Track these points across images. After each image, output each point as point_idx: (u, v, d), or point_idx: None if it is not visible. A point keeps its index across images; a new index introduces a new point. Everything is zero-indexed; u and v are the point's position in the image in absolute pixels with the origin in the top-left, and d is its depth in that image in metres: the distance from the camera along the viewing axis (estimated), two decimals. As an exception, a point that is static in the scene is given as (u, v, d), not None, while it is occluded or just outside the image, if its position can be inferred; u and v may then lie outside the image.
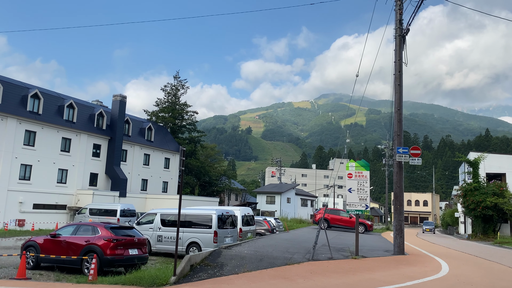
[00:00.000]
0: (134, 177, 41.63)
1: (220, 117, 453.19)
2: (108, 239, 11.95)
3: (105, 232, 12.23)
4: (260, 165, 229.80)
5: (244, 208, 21.03)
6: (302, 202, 67.46)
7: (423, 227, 56.69)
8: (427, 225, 56.52)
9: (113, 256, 11.81)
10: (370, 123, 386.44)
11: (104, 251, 11.73)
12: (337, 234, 26.10)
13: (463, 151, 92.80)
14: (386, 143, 59.91)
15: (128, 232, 12.97)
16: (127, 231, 13.03)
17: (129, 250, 12.31)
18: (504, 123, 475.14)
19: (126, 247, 12.26)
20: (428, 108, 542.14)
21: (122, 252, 12.08)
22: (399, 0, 16.66)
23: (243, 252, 13.66)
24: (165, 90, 54.75)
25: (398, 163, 16.51)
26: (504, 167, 41.89)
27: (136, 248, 12.61)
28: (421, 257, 16.35)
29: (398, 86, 16.73)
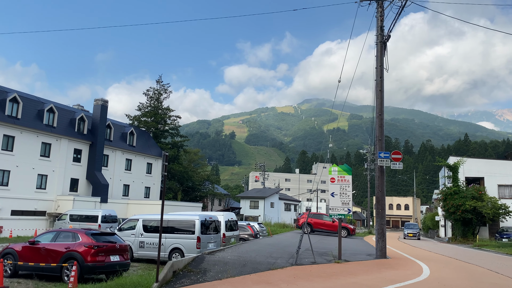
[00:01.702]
0: (115, 182, 41.08)
1: (204, 121, 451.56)
2: (89, 246, 11.76)
3: (86, 239, 12.03)
4: (243, 169, 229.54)
5: (228, 213, 20.96)
6: (286, 206, 67.59)
7: (404, 231, 44.39)
8: (410, 228, 44.72)
9: (94, 263, 11.62)
10: (352, 128, 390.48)
11: (84, 258, 11.53)
12: (320, 238, 26.22)
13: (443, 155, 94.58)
14: (368, 147, 60.58)
15: (110, 239, 12.79)
16: (108, 238, 12.84)
17: (110, 256, 12.13)
18: (482, 128, 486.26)
19: (108, 254, 12.07)
20: (409, 113, 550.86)
21: (103, 258, 11.89)
22: (380, 7, 16.92)
23: (227, 257, 13.60)
24: (148, 94, 54.31)
25: (380, 168, 16.71)
26: (483, 171, 42.81)
27: (118, 254, 12.43)
28: (402, 260, 16.54)
29: (379, 92, 16.97)
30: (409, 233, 42.81)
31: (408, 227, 45.18)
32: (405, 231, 43.61)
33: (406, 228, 45.07)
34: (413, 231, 42.92)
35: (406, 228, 45.07)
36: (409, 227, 44.84)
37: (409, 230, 43.68)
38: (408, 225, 46.20)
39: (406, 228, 44.72)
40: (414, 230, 43.52)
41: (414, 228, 44.58)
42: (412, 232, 42.94)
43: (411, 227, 45.09)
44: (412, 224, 46.76)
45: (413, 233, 42.55)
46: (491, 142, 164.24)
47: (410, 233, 42.79)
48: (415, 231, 43.01)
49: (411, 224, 46.81)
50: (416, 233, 42.64)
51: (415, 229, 44.12)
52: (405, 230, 44.10)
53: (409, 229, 43.92)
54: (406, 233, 42.94)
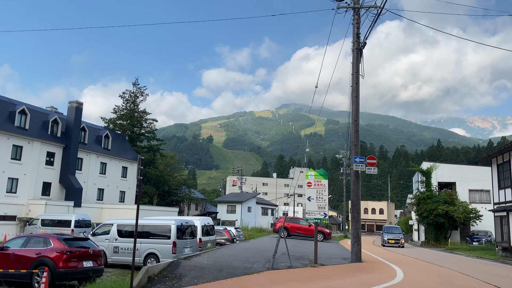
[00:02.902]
0: (89, 186, 40.27)
1: (181, 125, 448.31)
2: (61, 251, 11.47)
3: (58, 244, 11.74)
4: (221, 174, 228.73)
5: (204, 218, 20.84)
6: (263, 211, 67.63)
7: (383, 236, 35.00)
8: (390, 232, 35.21)
9: (66, 269, 11.34)
10: (329, 133, 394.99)
11: (56, 263, 11.24)
12: (296, 242, 26.34)
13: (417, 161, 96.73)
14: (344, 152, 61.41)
15: (83, 244, 12.52)
16: (81, 243, 12.57)
17: (83, 262, 11.87)
18: (454, 134, 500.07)
19: (80, 259, 11.81)
20: (384, 119, 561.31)
21: (76, 264, 11.62)
22: (356, 14, 17.22)
23: (203, 262, 13.51)
24: (124, 97, 53.54)
25: (355, 172, 16.95)
26: (454, 176, 43.99)
27: (91, 260, 12.18)
28: (377, 264, 16.78)
29: (355, 98, 17.23)
30: (390, 239, 33.55)
31: (388, 231, 35.60)
32: (385, 237, 34.25)
33: (385, 232, 35.18)
34: (395, 237, 33.82)
35: (385, 232, 35.18)
36: (390, 231, 35.38)
37: (389, 235, 34.22)
38: (388, 229, 36.47)
39: (386, 233, 34.92)
40: (396, 235, 34.25)
41: (395, 232, 35.07)
42: (394, 237, 33.74)
43: (392, 231, 35.60)
44: (393, 228, 37.30)
45: (395, 239, 33.54)
46: (463, 148, 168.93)
47: (391, 239, 33.54)
48: (398, 237, 33.85)
49: (392, 228, 37.32)
50: (399, 238, 33.61)
51: (397, 233, 34.78)
52: (384, 235, 34.52)
53: (389, 234, 34.44)
54: (386, 239, 33.68)
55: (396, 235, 34.30)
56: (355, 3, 17.03)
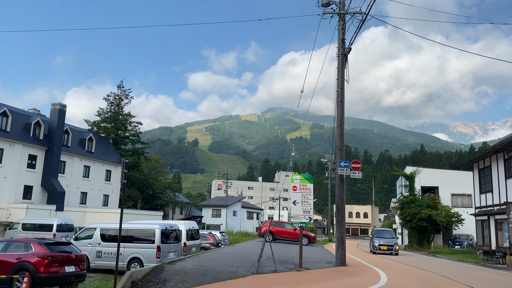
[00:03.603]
0: (72, 190, 39.67)
1: (166, 128, 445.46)
2: (43, 256, 11.26)
3: (39, 249, 11.52)
4: (206, 177, 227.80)
5: (189, 222, 20.70)
6: (248, 215, 67.52)
7: (373, 241, 28.99)
8: (382, 237, 29.20)
9: (48, 274, 11.13)
10: (314, 137, 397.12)
11: (37, 268, 11.03)
12: (282, 246, 26.35)
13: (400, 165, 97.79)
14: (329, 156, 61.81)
15: (65, 248, 12.31)
16: (63, 247, 12.36)
17: (65, 267, 11.67)
18: (437, 139, 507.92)
19: (62, 264, 11.61)
20: (368, 124, 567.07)
21: (57, 269, 11.42)
22: (342, 20, 17.41)
23: (187, 267, 13.42)
24: (108, 99, 53.01)
25: (340, 177, 17.06)
26: (437, 180, 44.62)
27: (73, 265, 11.98)
28: (361, 268, 16.90)
29: (340, 103, 17.38)
30: (381, 245, 27.75)
31: (379, 235, 29.64)
32: (375, 242, 28.37)
33: (376, 237, 29.18)
34: (388, 242, 27.89)
35: (376, 237, 29.18)
36: (381, 235, 29.41)
37: (381, 240, 28.33)
38: (378, 233, 30.43)
39: (376, 237, 28.96)
40: (389, 239, 28.33)
41: (388, 236, 29.16)
42: (386, 243, 27.80)
43: (383, 235, 29.59)
44: (384, 231, 30.88)
45: (388, 244, 27.66)
46: (445, 153, 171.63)
47: (383, 244, 27.70)
48: (391, 242, 27.91)
49: (383, 231, 30.92)
50: (392, 244, 27.65)
51: (390, 238, 28.87)
52: (374, 241, 28.58)
53: (381, 239, 28.52)
54: (376, 245, 27.99)
55: (389, 240, 28.18)
56: (341, 9, 17.21)
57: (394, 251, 27.48)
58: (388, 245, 27.70)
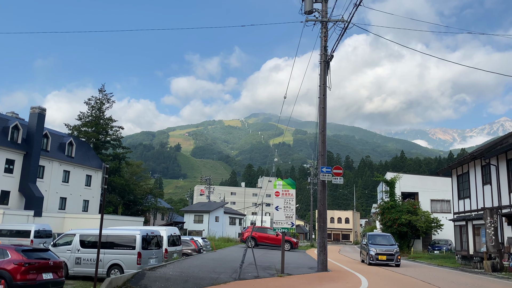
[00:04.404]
0: (51, 195, 38.90)
1: (148, 133, 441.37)
2: (19, 263, 11.00)
3: (16, 255, 11.25)
4: (189, 183, 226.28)
5: (171, 228, 20.54)
6: (231, 220, 67.29)
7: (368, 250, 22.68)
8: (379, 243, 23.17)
9: (24, 282, 10.87)
10: (297, 143, 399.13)
11: (13, 276, 10.76)
12: (264, 252, 26.34)
13: (381, 171, 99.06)
14: (311, 162, 62.20)
15: (43, 255, 12.05)
16: (41, 254, 12.10)
17: (42, 274, 11.41)
18: (417, 145, 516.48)
19: (40, 271, 11.35)
20: (350, 130, 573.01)
21: (34, 276, 11.16)
22: (324, 28, 17.63)
23: (168, 273, 13.30)
24: (89, 103, 52.34)
25: (322, 182, 17.19)
26: (417, 186, 45.36)
27: (51, 272, 11.73)
28: (342, 273, 17.01)
29: (322, 109, 17.56)
30: (380, 253, 21.93)
31: (375, 241, 23.52)
32: (371, 250, 22.27)
33: (372, 243, 23.03)
34: (388, 250, 22.24)
35: (372, 243, 23.03)
36: (377, 242, 23.37)
37: (378, 247, 22.44)
38: (374, 238, 24.09)
39: (372, 244, 22.89)
40: (388, 247, 22.66)
41: (386, 243, 23.24)
42: (386, 251, 22.10)
43: (380, 241, 23.53)
44: (380, 236, 24.85)
45: (387, 253, 21.98)
46: (425, 159, 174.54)
47: (382, 253, 21.93)
48: (391, 249, 22.30)
49: (379, 236, 24.86)
50: (393, 252, 22.07)
51: (390, 244, 23.06)
52: (370, 248, 22.45)
53: (378, 246, 22.62)
54: (373, 254, 22.03)
55: (388, 247, 22.43)
56: (323, 17, 17.43)
57: (395, 261, 21.86)
58: (387, 254, 21.98)
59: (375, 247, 22.72)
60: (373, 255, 22.31)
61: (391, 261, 22.03)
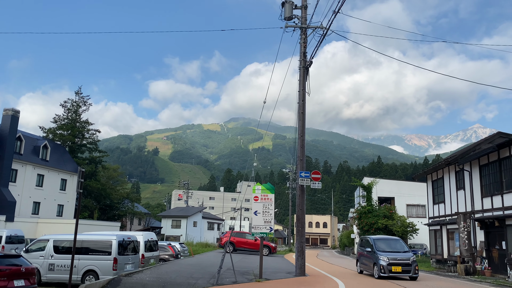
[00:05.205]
0: (24, 199, 37.86)
1: (125, 136, 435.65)
2: (-11, 270, 10.64)
3: (-14, 262, 10.89)
4: (166, 187, 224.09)
5: (148, 233, 20.26)
6: (209, 225, 66.90)
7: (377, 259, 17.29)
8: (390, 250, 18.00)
9: (-6, 289, 10.54)
10: (276, 148, 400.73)
11: (-17, 283, 10.42)
12: (242, 257, 26.26)
13: (359, 176, 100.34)
14: (290, 167, 62.44)
15: (14, 261, 11.69)
16: (12, 260, 11.73)
17: (14, 281, 11.07)
18: (393, 151, 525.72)
19: (11, 278, 11.01)
20: (328, 135, 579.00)
21: (5, 284, 10.82)
22: (303, 34, 17.79)
23: (145, 279, 13.10)
24: (65, 106, 51.29)
25: (301, 187, 17.28)
26: (393, 191, 46.13)
27: (23, 278, 11.39)
28: (320, 277, 17.10)
29: (301, 114, 17.68)
30: (393, 263, 17.09)
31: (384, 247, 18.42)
32: (381, 260, 17.31)
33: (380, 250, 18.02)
34: (403, 258, 17.49)
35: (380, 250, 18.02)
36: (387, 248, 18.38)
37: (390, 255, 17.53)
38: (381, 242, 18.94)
39: (381, 252, 17.87)
40: (402, 254, 17.84)
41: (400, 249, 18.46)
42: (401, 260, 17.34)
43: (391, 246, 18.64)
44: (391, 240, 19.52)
45: (403, 262, 17.27)
46: (401, 165, 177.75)
47: (396, 263, 17.13)
48: (407, 258, 17.56)
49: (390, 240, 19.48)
50: (409, 261, 17.31)
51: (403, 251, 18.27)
52: (380, 257, 17.46)
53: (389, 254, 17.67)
54: (385, 265, 17.04)
55: (402, 254, 17.74)
56: (303, 23, 17.60)
57: (412, 272, 17.08)
58: (403, 264, 17.08)
59: (386, 255, 17.44)
60: (385, 266, 16.96)
61: (408, 272, 17.12)
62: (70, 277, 9.45)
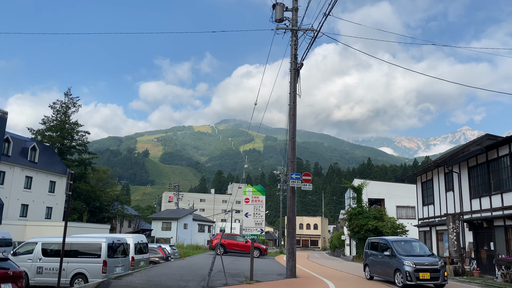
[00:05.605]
0: (12, 201, 37.37)
1: (115, 138, 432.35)
2: (-24, 274, 10.49)
3: (-28, 266, 10.73)
4: (157, 189, 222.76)
5: (138, 236, 20.14)
6: (200, 227, 66.67)
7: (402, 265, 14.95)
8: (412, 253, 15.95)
9: (-19, 293, 10.38)
10: (267, 149, 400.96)
11: (-31, 287, 10.26)
12: (233, 259, 26.20)
13: (349, 177, 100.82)
14: (281, 168, 62.53)
15: (1, 264, 11.53)
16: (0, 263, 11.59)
17: (1, 284, 10.93)
18: (383, 153, 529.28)
19: (-2, 282, 10.87)
20: (319, 137, 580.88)
21: (-8, 287, 10.68)
22: (294, 36, 17.85)
23: (135, 282, 13.01)
24: (54, 107, 50.81)
25: (292, 189, 17.31)
26: (383, 193, 46.39)
27: (11, 282, 11.24)
28: (311, 279, 17.13)
29: (292, 116, 17.72)
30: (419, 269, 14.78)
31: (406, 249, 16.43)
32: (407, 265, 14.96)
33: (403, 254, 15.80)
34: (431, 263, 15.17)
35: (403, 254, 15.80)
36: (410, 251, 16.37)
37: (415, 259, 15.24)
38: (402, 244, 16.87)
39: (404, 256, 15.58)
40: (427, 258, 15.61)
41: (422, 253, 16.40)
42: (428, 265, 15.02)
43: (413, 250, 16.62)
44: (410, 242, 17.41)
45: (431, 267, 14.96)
46: (391, 166, 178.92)
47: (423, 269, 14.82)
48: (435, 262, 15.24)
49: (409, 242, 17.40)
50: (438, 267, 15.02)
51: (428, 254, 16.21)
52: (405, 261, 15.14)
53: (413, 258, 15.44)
54: (411, 271, 14.67)
55: (428, 258, 15.61)
56: (293, 26, 17.66)
57: (441, 279, 14.88)
58: (431, 269, 14.88)
59: (410, 259, 15.17)
60: (411, 272, 14.67)
61: (436, 279, 14.80)
62: (58, 281, 9.34)
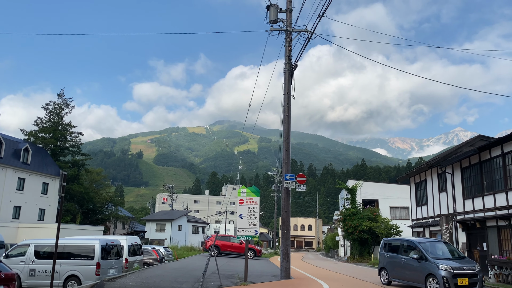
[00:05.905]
0: (4, 203, 37.06)
1: (109, 139, 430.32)
2: (-33, 276, 10.37)
3: (-37, 268, 10.61)
4: (151, 191, 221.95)
5: (131, 237, 20.03)
6: (194, 229, 66.51)
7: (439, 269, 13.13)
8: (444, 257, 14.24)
9: (-28, 296, 10.27)
10: (262, 151, 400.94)
11: (-40, 290, 10.15)
12: (227, 260, 26.16)
13: (343, 178, 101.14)
14: (276, 170, 62.53)
15: (-7, 267, 11.43)
16: (-9, 266, 11.47)
17: (-7, 288, 10.82)
18: (377, 154, 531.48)
19: (-10, 285, 10.76)
20: (313, 138, 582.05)
21: (-16, 290, 10.57)
22: (288, 37, 17.87)
23: (129, 284, 12.94)
24: (47, 108, 50.48)
25: (286, 190, 17.31)
26: (377, 194, 46.54)
27: (3, 284, 11.14)
28: (305, 280, 17.14)
29: (286, 117, 17.74)
30: (458, 274, 13.04)
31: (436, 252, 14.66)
32: (442, 270, 13.13)
33: (435, 257, 14.05)
34: (468, 268, 13.45)
35: (435, 257, 14.05)
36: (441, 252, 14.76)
37: (451, 263, 13.57)
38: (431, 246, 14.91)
39: (438, 260, 13.80)
40: (463, 262, 13.88)
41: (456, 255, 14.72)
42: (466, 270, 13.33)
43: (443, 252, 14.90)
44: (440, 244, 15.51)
45: (468, 272, 13.28)
46: (385, 167, 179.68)
47: (462, 274, 13.10)
48: (472, 267, 13.58)
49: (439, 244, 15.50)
50: (476, 271, 13.40)
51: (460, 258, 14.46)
52: (440, 265, 13.30)
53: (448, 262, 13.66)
54: (448, 276, 12.87)
55: (463, 262, 14.06)
56: (288, 27, 17.68)
57: (480, 285, 13.35)
58: (469, 274, 13.30)
59: (446, 263, 13.47)
60: (449, 278, 12.91)
61: (474, 286, 13.18)
62: (51, 283, 9.27)
